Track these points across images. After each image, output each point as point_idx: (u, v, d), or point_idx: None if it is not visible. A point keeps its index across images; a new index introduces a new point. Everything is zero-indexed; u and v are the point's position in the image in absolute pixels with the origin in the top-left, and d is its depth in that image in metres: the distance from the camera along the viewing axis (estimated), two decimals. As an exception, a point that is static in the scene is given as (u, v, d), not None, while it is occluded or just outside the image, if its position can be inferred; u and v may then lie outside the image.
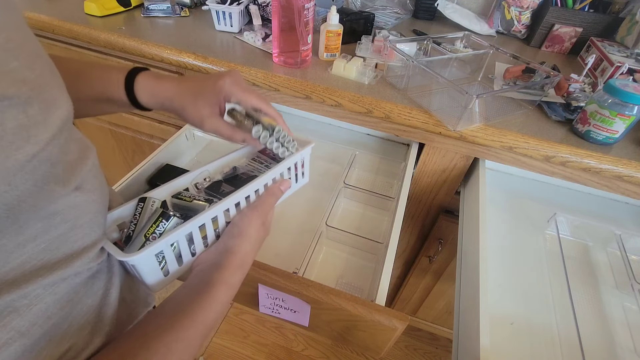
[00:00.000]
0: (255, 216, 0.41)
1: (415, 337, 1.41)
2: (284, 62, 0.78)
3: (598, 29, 0.98)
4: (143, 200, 0.39)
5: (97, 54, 0.93)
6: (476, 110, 0.69)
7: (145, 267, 0.34)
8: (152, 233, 0.35)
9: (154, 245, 0.34)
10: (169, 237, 0.35)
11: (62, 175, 0.25)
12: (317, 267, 0.63)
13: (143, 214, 0.38)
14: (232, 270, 0.37)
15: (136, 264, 0.33)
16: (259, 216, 0.41)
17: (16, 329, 0.24)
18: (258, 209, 0.42)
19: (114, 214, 0.38)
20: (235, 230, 0.40)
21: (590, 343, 0.51)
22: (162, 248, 0.35)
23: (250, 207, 0.42)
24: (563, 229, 0.67)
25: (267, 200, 0.43)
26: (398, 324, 0.45)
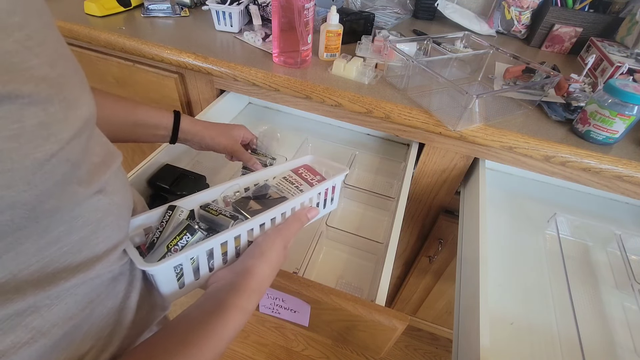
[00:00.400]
0: (279, 239, 0.40)
1: (415, 337, 1.41)
2: (284, 62, 0.78)
3: (598, 29, 0.98)
4: (172, 209, 0.39)
5: (97, 54, 0.93)
6: (476, 110, 0.69)
7: (162, 278, 0.34)
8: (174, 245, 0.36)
9: (174, 258, 0.34)
10: (190, 251, 0.35)
11: (85, 177, 0.25)
12: (317, 267, 0.63)
13: (170, 222, 0.38)
14: (247, 294, 0.35)
15: (155, 274, 0.33)
16: (282, 240, 0.41)
17: (37, 329, 0.24)
18: (282, 233, 0.41)
19: (141, 218, 0.38)
20: (257, 251, 0.39)
21: (590, 343, 0.51)
22: (181, 261, 0.35)
23: (274, 230, 0.41)
24: (563, 229, 0.67)
25: (292, 225, 0.43)
26: (398, 324, 0.45)
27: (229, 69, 0.78)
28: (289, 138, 0.89)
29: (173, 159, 0.70)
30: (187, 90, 0.92)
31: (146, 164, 0.63)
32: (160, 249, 0.36)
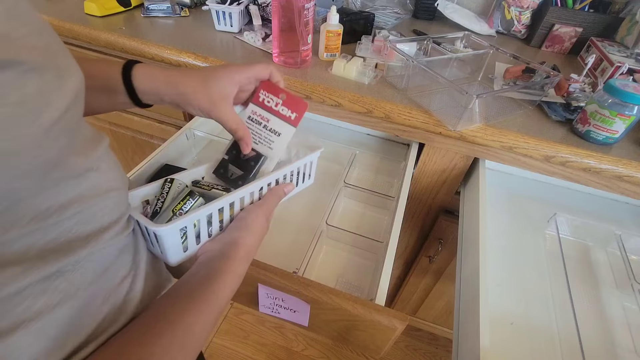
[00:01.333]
0: (261, 213, 0.43)
1: (415, 337, 1.41)
2: (284, 62, 0.78)
3: (598, 29, 0.98)
4: (170, 181, 0.43)
5: (97, 54, 0.93)
6: (476, 110, 0.69)
7: (169, 240, 0.37)
8: (179, 209, 0.39)
9: (181, 220, 0.36)
10: (194, 214, 0.38)
11: (80, 149, 0.26)
12: (317, 266, 0.63)
13: (170, 193, 0.42)
14: (238, 261, 0.39)
15: (163, 235, 0.36)
16: (264, 213, 0.44)
17: (65, 291, 0.26)
18: (263, 207, 0.44)
19: (140, 191, 0.41)
20: (242, 223, 0.42)
21: (590, 343, 0.51)
22: (186, 224, 0.37)
23: (256, 205, 0.45)
24: (563, 229, 0.67)
25: (271, 199, 0.46)
26: (398, 324, 0.45)
27: (229, 69, 0.78)
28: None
29: (173, 159, 0.70)
30: (187, 90, 0.92)
31: (146, 164, 0.63)
32: (166, 214, 0.39)
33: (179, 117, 0.99)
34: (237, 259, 0.38)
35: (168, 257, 0.39)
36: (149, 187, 0.42)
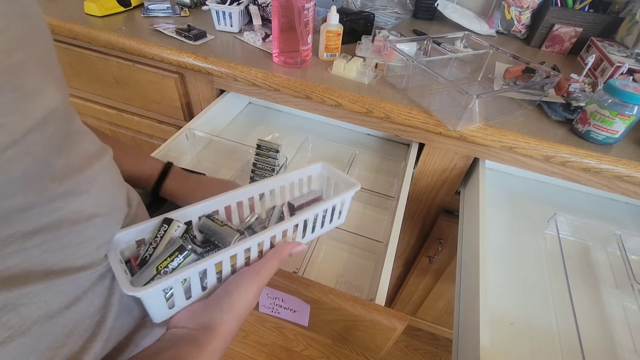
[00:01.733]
0: (255, 286, 0.36)
1: (415, 337, 1.41)
2: (284, 62, 0.78)
3: (598, 29, 0.98)
4: (168, 222, 0.36)
5: (97, 54, 0.93)
6: (476, 110, 0.69)
7: (150, 301, 0.32)
8: (164, 267, 0.33)
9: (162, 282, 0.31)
10: (181, 274, 0.32)
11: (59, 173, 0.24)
12: (317, 266, 0.63)
13: (164, 237, 0.36)
14: (210, 353, 0.32)
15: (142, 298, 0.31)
16: (258, 286, 0.36)
17: (15, 327, 0.23)
18: (260, 275, 0.36)
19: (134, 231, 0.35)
20: (226, 302, 0.34)
21: (590, 343, 0.51)
22: (171, 284, 0.32)
23: (250, 273, 0.36)
24: (563, 229, 0.67)
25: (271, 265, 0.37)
26: (397, 324, 0.45)
27: (229, 69, 0.78)
28: (290, 138, 0.89)
29: (173, 159, 0.69)
30: (187, 90, 0.92)
31: (146, 163, 0.63)
32: (150, 270, 0.33)
33: (179, 117, 0.99)
34: (209, 351, 0.32)
35: (151, 317, 0.34)
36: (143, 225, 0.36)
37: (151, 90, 0.95)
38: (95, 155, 0.28)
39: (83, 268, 0.27)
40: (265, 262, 0.37)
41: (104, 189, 0.28)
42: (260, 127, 0.94)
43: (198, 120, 0.80)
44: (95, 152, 0.28)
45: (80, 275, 0.27)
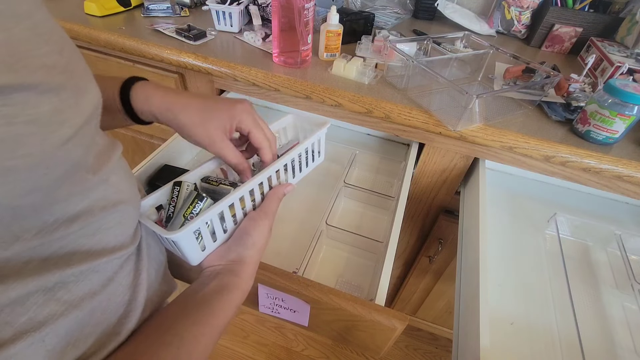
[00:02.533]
0: (266, 224, 0.43)
1: (415, 337, 1.41)
2: (284, 62, 0.78)
3: (598, 29, 0.98)
4: (178, 184, 0.42)
5: (97, 54, 0.93)
6: (476, 110, 0.69)
7: (185, 244, 0.38)
8: (189, 213, 0.39)
9: (193, 224, 0.37)
10: (204, 215, 0.38)
11: (92, 165, 0.26)
12: (317, 266, 0.63)
13: (180, 196, 0.42)
14: (245, 279, 0.39)
15: (178, 241, 0.36)
16: (268, 222, 0.43)
17: (69, 302, 0.26)
18: (268, 215, 0.43)
19: (152, 198, 0.41)
20: (249, 241, 0.41)
21: (590, 343, 0.51)
22: (199, 226, 0.38)
23: (259, 213, 0.43)
24: (563, 229, 0.67)
25: (272, 204, 0.45)
26: (397, 324, 0.45)
27: (229, 69, 0.78)
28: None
29: (173, 159, 0.70)
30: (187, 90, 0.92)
31: (145, 164, 0.63)
32: (178, 219, 0.40)
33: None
34: (245, 277, 0.39)
35: (189, 259, 0.40)
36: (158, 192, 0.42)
37: (151, 90, 0.95)
38: (110, 148, 0.30)
39: (116, 249, 0.30)
40: (268, 203, 0.45)
41: (122, 178, 0.31)
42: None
43: (198, 120, 0.79)
44: (109, 144, 0.30)
45: (114, 256, 0.30)
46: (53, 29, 0.22)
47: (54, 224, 0.24)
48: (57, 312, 0.25)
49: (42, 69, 0.20)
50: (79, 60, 0.24)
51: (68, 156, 0.22)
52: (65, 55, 0.22)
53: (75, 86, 0.22)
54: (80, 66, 0.24)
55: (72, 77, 0.22)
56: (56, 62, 0.21)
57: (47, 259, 0.24)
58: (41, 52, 0.20)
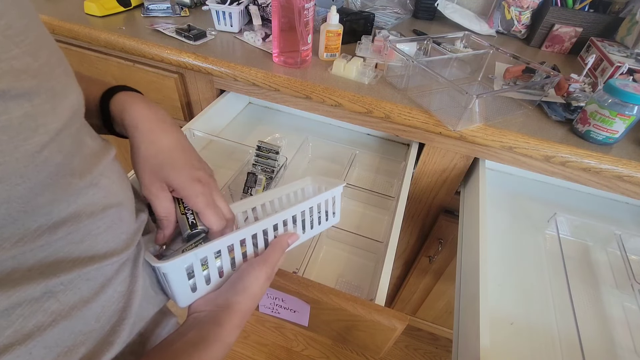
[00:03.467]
0: (263, 271, 0.39)
1: (415, 337, 1.41)
2: (284, 62, 0.78)
3: (598, 29, 0.98)
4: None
5: (97, 54, 0.93)
6: (476, 110, 0.69)
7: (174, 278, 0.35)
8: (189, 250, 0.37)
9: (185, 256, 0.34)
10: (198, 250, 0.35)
11: (78, 168, 0.25)
12: (317, 266, 0.63)
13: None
14: (230, 330, 0.35)
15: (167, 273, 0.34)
16: (266, 271, 0.40)
17: (57, 312, 0.25)
18: (267, 263, 0.40)
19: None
20: (239, 286, 0.38)
21: (590, 343, 0.51)
22: (192, 261, 0.35)
23: (258, 261, 0.40)
24: (563, 229, 0.67)
25: (274, 254, 0.41)
26: (397, 324, 0.45)
27: (229, 69, 0.78)
28: (290, 138, 0.89)
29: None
30: (187, 90, 0.92)
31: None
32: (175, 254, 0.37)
33: (179, 117, 0.99)
34: (228, 328, 0.35)
35: (176, 298, 0.37)
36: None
37: (151, 90, 0.95)
38: (101, 151, 0.29)
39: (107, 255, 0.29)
40: (270, 251, 0.41)
41: (113, 181, 0.30)
42: (260, 127, 0.94)
43: (198, 120, 0.80)
44: (99, 147, 0.29)
45: (105, 263, 0.29)
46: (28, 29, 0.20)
47: (36, 231, 0.23)
48: (45, 322, 0.24)
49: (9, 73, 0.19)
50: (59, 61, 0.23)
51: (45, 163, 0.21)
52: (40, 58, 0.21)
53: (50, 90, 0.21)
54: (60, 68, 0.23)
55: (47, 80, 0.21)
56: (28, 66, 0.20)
57: (32, 268, 0.23)
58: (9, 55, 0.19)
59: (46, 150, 0.21)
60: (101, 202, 0.28)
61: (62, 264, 0.25)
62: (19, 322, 0.23)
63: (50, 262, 0.24)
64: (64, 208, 0.24)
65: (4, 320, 0.22)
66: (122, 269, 0.31)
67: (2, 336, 0.22)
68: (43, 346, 0.24)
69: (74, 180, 0.25)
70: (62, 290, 0.25)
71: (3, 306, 0.22)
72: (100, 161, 0.28)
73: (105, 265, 0.29)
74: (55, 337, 0.25)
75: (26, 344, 0.23)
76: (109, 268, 0.29)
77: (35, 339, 0.24)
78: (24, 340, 0.23)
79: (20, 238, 0.22)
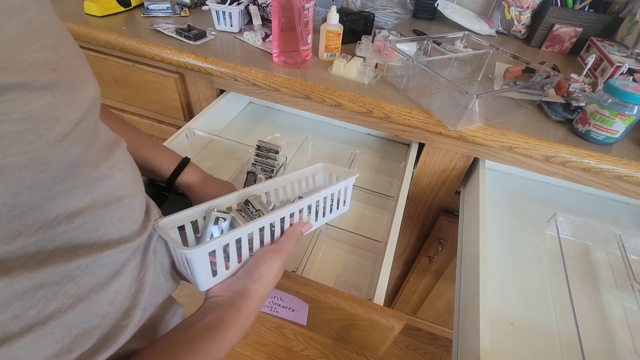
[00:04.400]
0: (278, 260, 0.41)
1: (415, 337, 1.41)
2: (284, 62, 0.78)
3: (598, 29, 0.98)
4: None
5: (97, 54, 0.93)
6: (476, 110, 0.69)
7: (198, 264, 0.36)
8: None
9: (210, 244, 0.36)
10: (222, 238, 0.37)
11: (94, 159, 0.26)
12: (316, 265, 0.63)
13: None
14: (246, 314, 0.38)
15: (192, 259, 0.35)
16: (281, 259, 0.42)
17: (75, 295, 0.27)
18: (282, 251, 0.42)
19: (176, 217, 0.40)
20: (256, 273, 0.40)
21: (590, 343, 0.51)
22: (215, 247, 0.37)
23: (273, 249, 0.42)
24: (563, 229, 0.67)
25: (289, 242, 0.44)
26: (395, 323, 0.45)
27: (229, 69, 0.78)
28: (290, 138, 0.89)
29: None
30: (187, 90, 0.92)
31: (146, 163, 0.63)
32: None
33: (178, 117, 0.99)
34: (245, 312, 0.37)
35: (198, 282, 0.38)
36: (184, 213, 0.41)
37: (151, 90, 0.95)
38: (113, 143, 0.30)
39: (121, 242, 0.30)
40: (285, 240, 0.43)
41: (127, 173, 0.31)
42: (260, 127, 0.94)
43: (198, 119, 0.80)
44: (112, 140, 0.30)
45: (119, 249, 0.30)
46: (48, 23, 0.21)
47: (55, 219, 0.24)
48: (65, 305, 0.26)
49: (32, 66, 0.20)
50: (76, 55, 0.24)
51: (66, 152, 0.22)
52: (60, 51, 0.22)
53: (70, 82, 0.22)
54: (77, 62, 0.24)
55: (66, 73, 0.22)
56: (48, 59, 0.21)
57: (53, 252, 0.25)
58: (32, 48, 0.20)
59: (67, 139, 0.22)
60: (115, 193, 0.29)
61: (80, 250, 0.27)
62: (41, 304, 0.24)
63: (68, 247, 0.26)
64: (80, 198, 0.26)
65: (28, 301, 0.23)
66: (134, 256, 0.33)
67: (26, 316, 0.23)
68: (63, 327, 0.26)
69: (90, 170, 0.26)
70: (79, 275, 0.27)
71: (27, 286, 0.23)
72: (112, 153, 0.29)
73: (119, 251, 0.30)
74: (74, 319, 0.27)
75: (48, 324, 0.24)
76: (121, 255, 0.31)
77: (56, 319, 0.25)
78: (46, 321, 0.24)
79: (42, 225, 0.23)
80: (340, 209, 0.53)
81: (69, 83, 0.22)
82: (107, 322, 0.30)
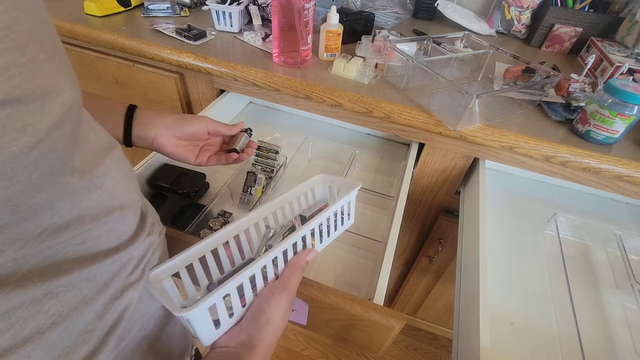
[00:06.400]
0: (283, 299, 0.38)
1: (415, 337, 1.41)
2: (284, 62, 0.78)
3: (598, 29, 0.98)
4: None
5: (97, 54, 0.93)
6: (476, 110, 0.69)
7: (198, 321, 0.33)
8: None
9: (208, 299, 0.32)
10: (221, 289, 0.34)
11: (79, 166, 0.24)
12: (316, 265, 0.63)
13: None
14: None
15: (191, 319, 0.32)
16: (287, 298, 0.38)
17: (57, 314, 0.25)
18: (287, 288, 0.39)
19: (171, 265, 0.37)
20: (262, 320, 0.36)
21: (590, 343, 0.51)
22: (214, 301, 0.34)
23: (278, 288, 0.38)
24: (563, 229, 0.67)
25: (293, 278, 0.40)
26: (395, 323, 0.45)
27: (229, 69, 0.78)
28: (290, 138, 0.89)
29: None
30: (187, 90, 0.92)
31: (145, 164, 0.63)
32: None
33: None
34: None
35: (200, 338, 0.35)
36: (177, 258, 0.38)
37: (151, 90, 0.95)
38: (105, 150, 0.28)
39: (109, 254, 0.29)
40: (289, 274, 0.40)
41: (118, 183, 0.29)
42: (260, 127, 0.94)
43: (198, 120, 0.79)
44: (104, 146, 0.28)
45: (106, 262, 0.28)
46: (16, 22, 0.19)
47: (40, 235, 0.23)
48: (44, 325, 0.24)
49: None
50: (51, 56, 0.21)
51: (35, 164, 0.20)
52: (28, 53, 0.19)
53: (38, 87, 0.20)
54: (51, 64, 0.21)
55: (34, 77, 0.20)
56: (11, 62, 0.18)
57: (32, 270, 0.23)
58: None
59: (35, 151, 0.20)
60: (105, 205, 0.27)
61: (63, 265, 0.25)
62: (18, 325, 0.23)
63: (51, 262, 0.24)
64: (66, 211, 0.24)
65: (4, 323, 0.22)
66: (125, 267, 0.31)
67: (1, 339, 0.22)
68: (42, 348, 0.24)
69: (73, 180, 0.24)
70: (62, 291, 0.25)
71: (3, 308, 0.22)
72: (103, 160, 0.27)
73: (106, 264, 0.28)
74: (55, 339, 0.25)
75: (25, 347, 0.23)
76: (110, 267, 0.29)
77: (34, 342, 0.23)
78: (22, 344, 0.23)
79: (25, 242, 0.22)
80: (345, 224, 0.49)
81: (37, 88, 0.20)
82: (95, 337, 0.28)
